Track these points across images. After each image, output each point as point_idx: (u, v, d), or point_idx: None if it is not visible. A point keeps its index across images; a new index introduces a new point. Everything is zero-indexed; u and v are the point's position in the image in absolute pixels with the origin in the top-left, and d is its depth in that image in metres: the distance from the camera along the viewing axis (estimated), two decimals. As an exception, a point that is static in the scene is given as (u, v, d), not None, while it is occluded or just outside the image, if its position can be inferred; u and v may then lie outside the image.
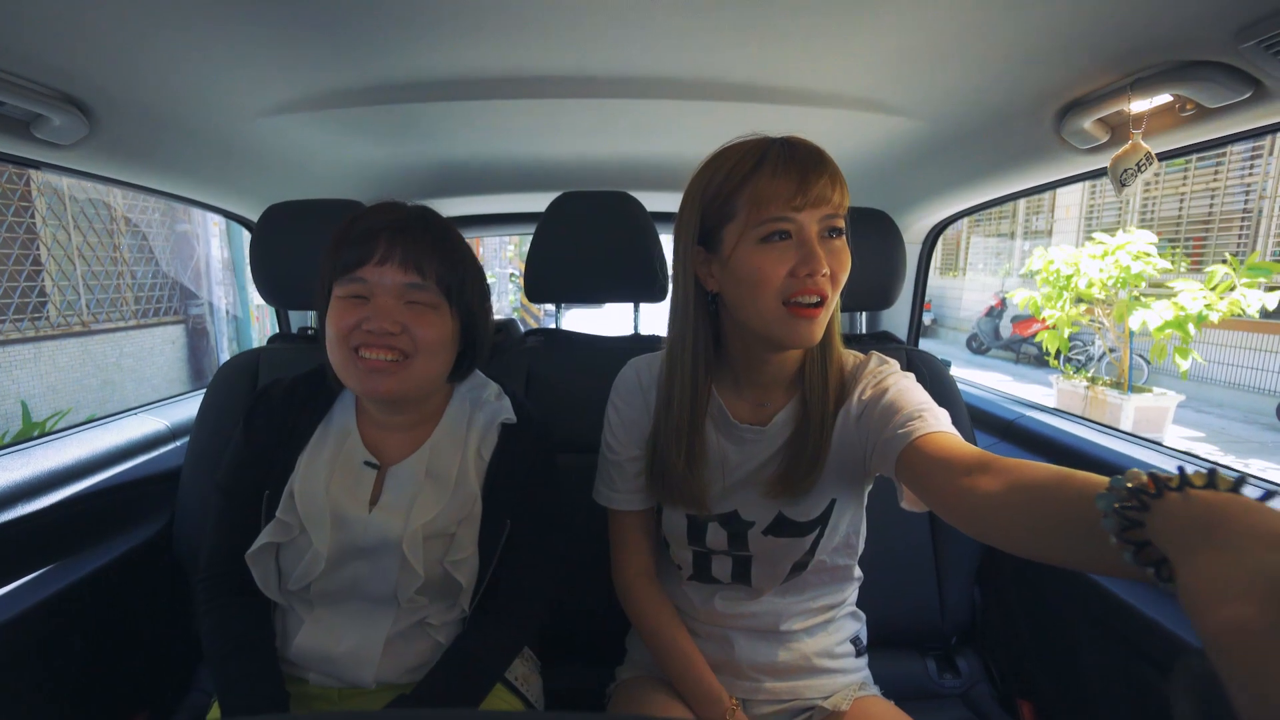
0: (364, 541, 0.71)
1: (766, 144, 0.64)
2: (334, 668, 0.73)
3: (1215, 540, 0.29)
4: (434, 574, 0.72)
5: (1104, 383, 5.21)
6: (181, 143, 1.03)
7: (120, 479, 1.07)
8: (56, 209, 3.93)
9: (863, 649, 0.85)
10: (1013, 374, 7.93)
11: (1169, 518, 0.33)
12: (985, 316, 9.05)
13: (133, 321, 4.44)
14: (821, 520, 0.74)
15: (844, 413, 0.71)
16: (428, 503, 0.72)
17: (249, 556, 0.70)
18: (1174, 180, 6.96)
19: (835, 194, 0.62)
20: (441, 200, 1.67)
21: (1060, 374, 5.57)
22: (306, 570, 0.70)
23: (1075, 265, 4.68)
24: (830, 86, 0.94)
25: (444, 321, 0.70)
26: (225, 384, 1.12)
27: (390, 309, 0.67)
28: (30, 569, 0.91)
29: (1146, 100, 0.73)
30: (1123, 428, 4.77)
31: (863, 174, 1.30)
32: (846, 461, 0.71)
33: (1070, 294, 4.74)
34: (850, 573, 0.82)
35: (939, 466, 0.55)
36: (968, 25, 0.71)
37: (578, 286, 1.15)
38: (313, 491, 0.71)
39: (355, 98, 0.98)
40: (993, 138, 1.02)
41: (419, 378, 0.70)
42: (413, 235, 0.69)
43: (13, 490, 0.93)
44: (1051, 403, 5.51)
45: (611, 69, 0.90)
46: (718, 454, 0.75)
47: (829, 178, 0.62)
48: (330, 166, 1.30)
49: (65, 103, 0.81)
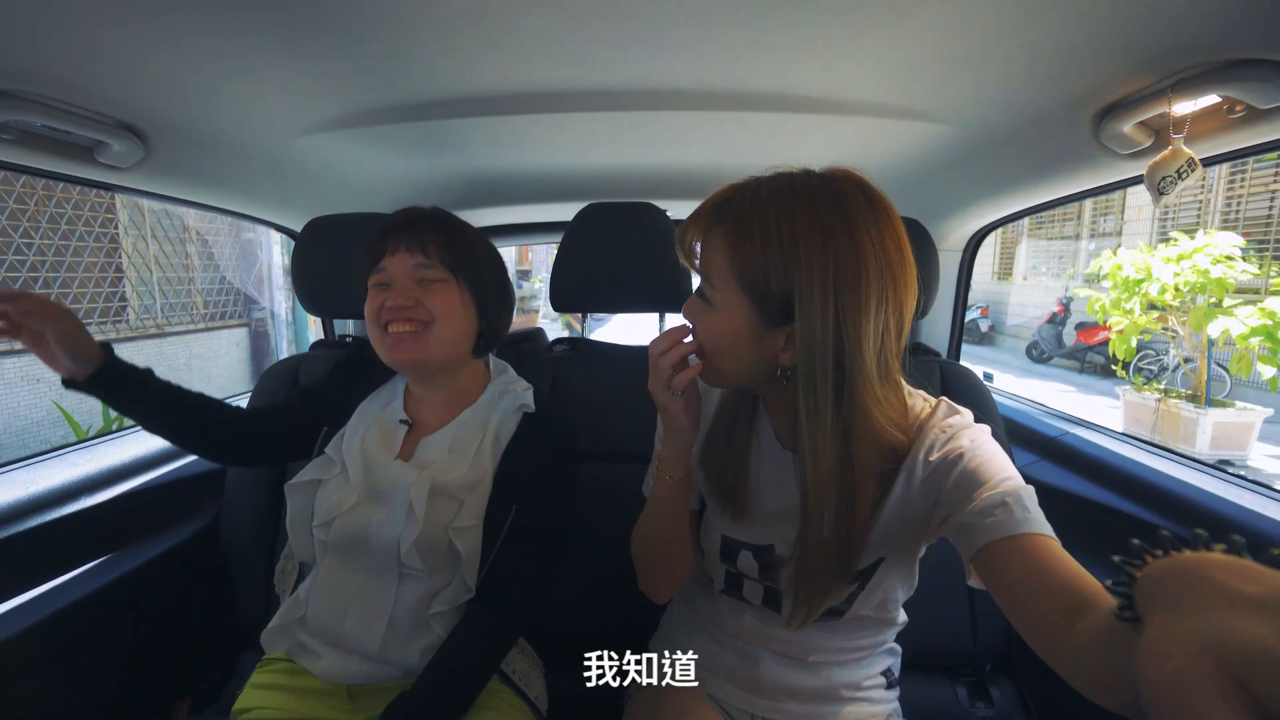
0: (383, 484, 0.80)
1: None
2: (344, 636, 0.78)
3: (1179, 600, 0.27)
4: (438, 538, 0.77)
5: (1179, 395, 4.84)
6: (228, 161, 1.10)
7: (172, 476, 1.14)
8: (137, 220, 4.26)
9: (894, 681, 0.81)
10: (1076, 384, 7.48)
11: (1147, 583, 0.31)
12: (1047, 323, 8.59)
13: (201, 325, 4.76)
14: (862, 576, 0.68)
15: (904, 474, 0.62)
16: (444, 466, 0.81)
17: (289, 487, 0.82)
18: (1264, 177, 6.42)
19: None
20: (472, 211, 1.72)
21: (1129, 385, 5.22)
22: (337, 504, 0.79)
23: (1146, 269, 4.38)
24: (857, 94, 0.92)
25: (453, 293, 0.81)
26: (268, 387, 1.18)
27: (405, 287, 0.79)
28: (90, 558, 0.98)
29: (1191, 102, 0.68)
30: (1199, 445, 4.44)
31: (895, 181, 1.26)
32: (904, 522, 0.63)
33: (1141, 299, 4.43)
34: (894, 618, 0.76)
35: (1034, 591, 0.48)
36: (996, 27, 0.68)
37: (602, 296, 1.17)
38: (353, 437, 0.84)
39: (388, 115, 1.02)
40: (1028, 143, 0.97)
41: (438, 343, 0.80)
42: (417, 226, 0.81)
43: (78, 484, 1.01)
44: (1119, 416, 5.21)
45: (635, 83, 0.90)
46: (756, 473, 0.71)
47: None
48: (367, 179, 1.35)
49: (123, 129, 0.88)
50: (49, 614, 0.87)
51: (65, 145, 0.86)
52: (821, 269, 0.54)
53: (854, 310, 0.54)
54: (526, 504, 0.80)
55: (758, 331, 0.59)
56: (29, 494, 0.94)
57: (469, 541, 0.77)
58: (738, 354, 0.61)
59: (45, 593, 0.90)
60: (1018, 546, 0.51)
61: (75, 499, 0.98)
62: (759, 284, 0.56)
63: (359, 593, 0.79)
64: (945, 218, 1.37)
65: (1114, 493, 1.00)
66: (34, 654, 0.85)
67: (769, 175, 0.59)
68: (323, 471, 0.82)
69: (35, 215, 3.67)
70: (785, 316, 0.56)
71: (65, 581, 0.93)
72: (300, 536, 0.83)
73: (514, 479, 0.81)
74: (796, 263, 0.54)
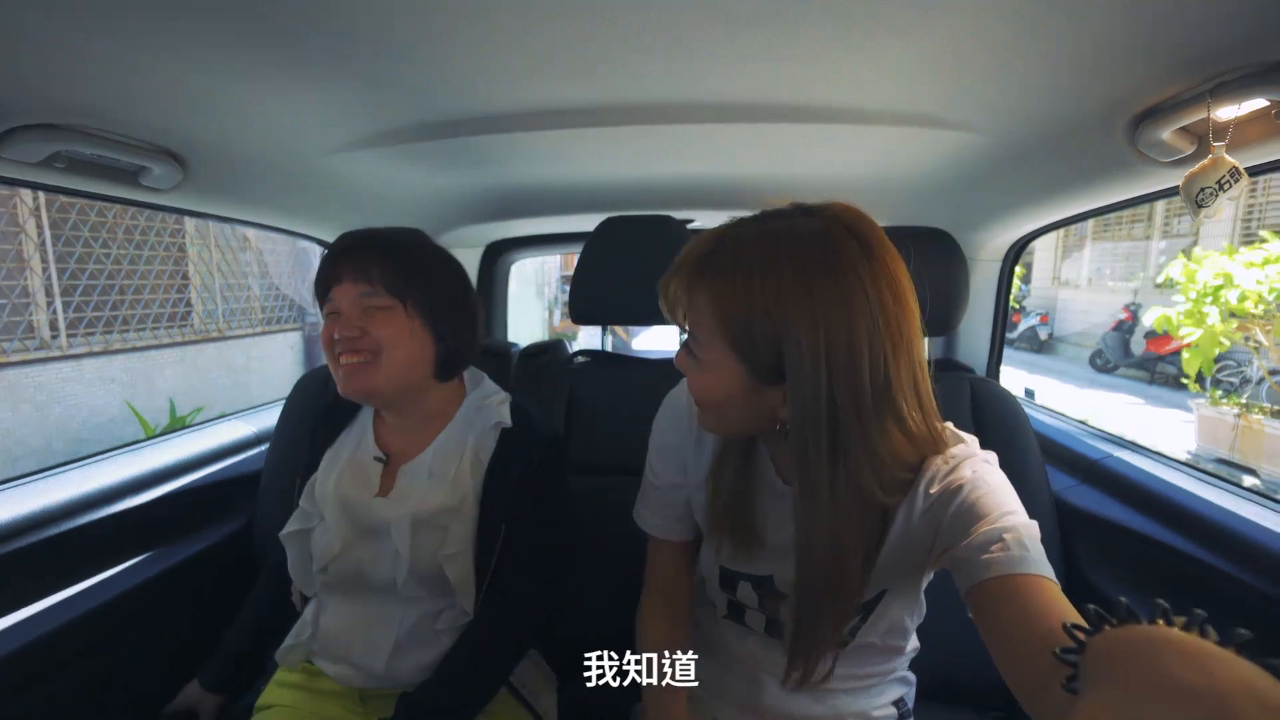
0: (367, 524, 0.79)
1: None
2: (351, 653, 0.80)
3: (1115, 681, 0.25)
4: (429, 567, 0.77)
5: (1262, 410, 4.47)
6: (263, 180, 1.15)
7: (210, 479, 1.20)
8: (202, 230, 4.54)
9: (907, 712, 0.78)
10: (1145, 396, 7.01)
11: (1092, 655, 0.29)
12: (1113, 331, 8.08)
13: (259, 329, 5.03)
14: (866, 608, 0.66)
15: (905, 508, 0.59)
16: (425, 495, 0.79)
17: (283, 536, 0.83)
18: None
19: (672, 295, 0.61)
20: (498, 224, 1.75)
21: (1204, 398, 4.85)
22: (326, 549, 0.79)
23: (1226, 275, 4.05)
24: (881, 103, 0.89)
25: (399, 319, 0.77)
26: (300, 396, 1.23)
27: (351, 317, 0.77)
28: (133, 555, 1.05)
29: (1234, 106, 0.63)
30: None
31: (923, 192, 1.21)
32: (906, 554, 0.61)
33: (1219, 307, 4.10)
34: (903, 647, 0.74)
35: (1021, 636, 0.45)
36: (1023, 30, 0.64)
37: (621, 309, 1.17)
38: (325, 483, 0.82)
39: (415, 133, 1.05)
40: (1061, 151, 0.91)
41: (388, 373, 0.77)
42: (358, 253, 0.78)
43: (126, 484, 1.08)
44: (1191, 431, 4.83)
45: (657, 97, 0.90)
46: (762, 508, 0.69)
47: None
48: (396, 194, 1.40)
49: (163, 154, 0.93)
50: (95, 605, 0.93)
51: (112, 170, 0.92)
52: (810, 329, 0.51)
53: (848, 368, 0.52)
54: (515, 521, 0.80)
55: (750, 388, 0.57)
56: (81, 493, 1.01)
57: (459, 567, 0.77)
58: (733, 410, 0.59)
59: (91, 587, 0.96)
60: (1011, 586, 0.48)
61: (121, 498, 1.05)
62: (746, 344, 0.54)
63: (365, 620, 0.80)
64: (979, 228, 1.30)
65: (1160, 524, 0.93)
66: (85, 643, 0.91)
67: (753, 220, 0.57)
68: (303, 522, 0.82)
69: (114, 226, 3.96)
70: (777, 375, 0.54)
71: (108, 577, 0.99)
72: (303, 579, 0.84)
73: (498, 498, 0.80)
74: (785, 324, 0.52)
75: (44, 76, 0.70)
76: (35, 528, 0.92)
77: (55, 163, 0.84)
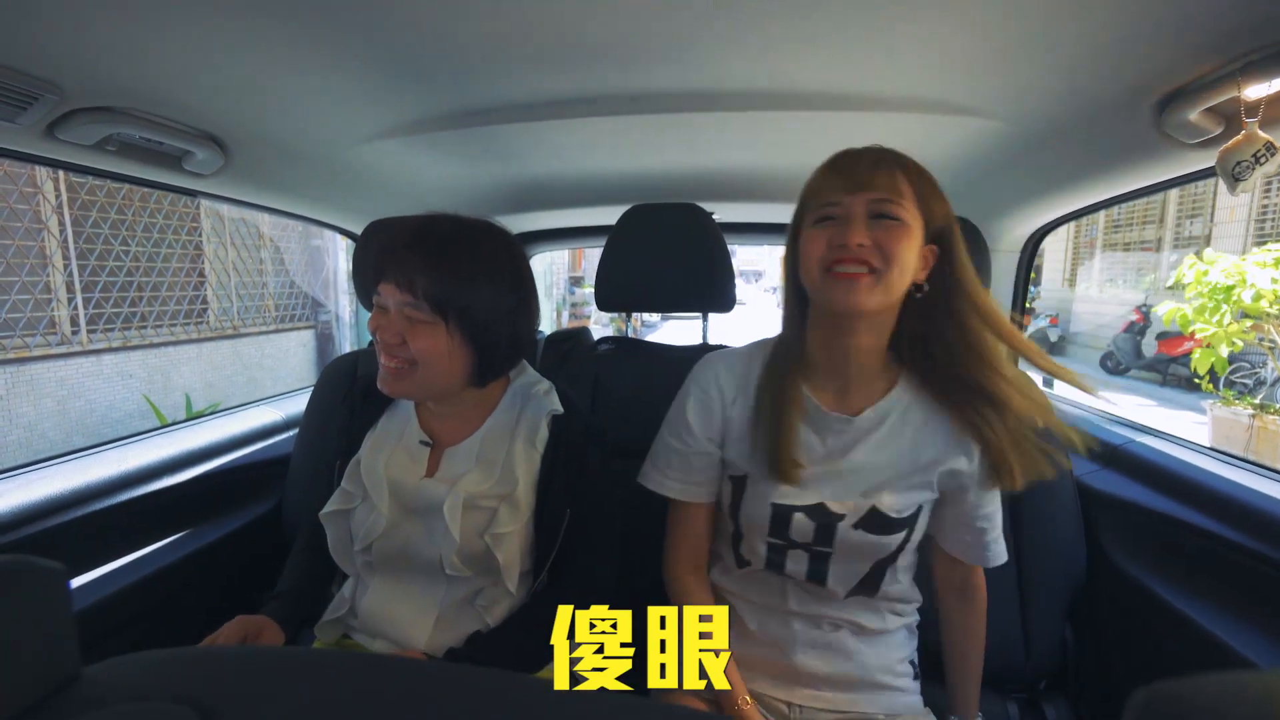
0: (416, 504, 0.80)
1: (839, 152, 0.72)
2: (392, 629, 0.81)
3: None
4: (476, 546, 0.78)
5: (1277, 411, 4.43)
6: (297, 168, 1.18)
7: (241, 462, 1.23)
8: (218, 228, 4.60)
9: (917, 673, 0.83)
10: (1157, 398, 6.96)
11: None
12: (1124, 332, 8.01)
13: (272, 326, 5.08)
14: (910, 522, 0.75)
15: (967, 441, 0.73)
16: (474, 478, 0.80)
17: (323, 516, 0.82)
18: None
19: (881, 179, 0.66)
20: (518, 216, 1.77)
21: (1217, 399, 4.81)
22: (370, 529, 0.79)
23: (1240, 275, 4.02)
24: (902, 90, 0.90)
25: (438, 335, 0.73)
26: (329, 381, 1.25)
27: (394, 322, 0.74)
28: (167, 535, 1.07)
29: (1265, 84, 0.64)
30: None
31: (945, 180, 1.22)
32: (936, 464, 0.74)
33: (1232, 307, 4.07)
34: (914, 592, 0.83)
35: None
36: (1045, 14, 0.66)
37: (646, 297, 1.18)
38: (373, 465, 0.82)
39: (444, 123, 1.07)
40: (1085, 136, 0.92)
41: (425, 384, 0.76)
42: (405, 255, 0.73)
43: (159, 466, 1.11)
44: (1205, 432, 4.80)
45: (681, 86, 0.92)
46: (805, 442, 0.75)
47: (876, 165, 0.67)
48: (424, 184, 1.42)
49: (206, 139, 0.96)
50: (134, 581, 0.96)
51: (158, 155, 0.95)
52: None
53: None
54: (579, 507, 0.82)
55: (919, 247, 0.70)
56: (119, 471, 1.03)
57: (508, 548, 0.78)
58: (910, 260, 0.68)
59: (125, 564, 0.99)
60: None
61: (156, 478, 1.08)
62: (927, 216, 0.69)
63: (407, 596, 0.82)
64: (1000, 218, 1.31)
65: (1188, 505, 0.93)
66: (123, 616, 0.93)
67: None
68: (344, 502, 0.82)
69: (133, 224, 4.02)
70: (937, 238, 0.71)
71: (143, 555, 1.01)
72: (343, 559, 0.84)
73: (561, 488, 0.81)
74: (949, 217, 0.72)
75: (103, 62, 0.73)
76: (79, 503, 0.95)
77: (108, 145, 0.87)
